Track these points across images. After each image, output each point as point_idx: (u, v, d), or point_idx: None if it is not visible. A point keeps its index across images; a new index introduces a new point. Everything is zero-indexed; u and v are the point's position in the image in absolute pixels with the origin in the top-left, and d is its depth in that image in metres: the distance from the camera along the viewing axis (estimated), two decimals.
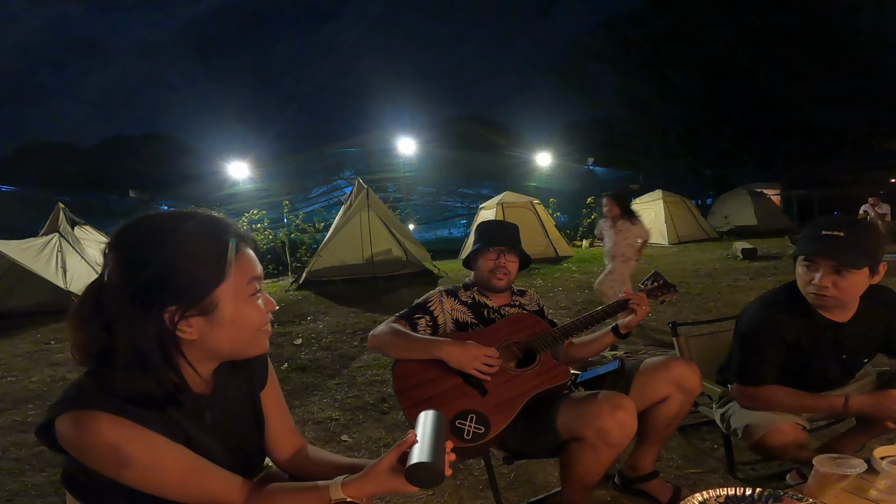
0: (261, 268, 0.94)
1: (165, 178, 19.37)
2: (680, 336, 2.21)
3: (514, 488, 2.19)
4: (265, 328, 0.93)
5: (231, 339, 0.89)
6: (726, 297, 6.10)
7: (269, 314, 0.94)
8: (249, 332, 0.90)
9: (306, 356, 4.73)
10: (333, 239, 8.91)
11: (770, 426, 1.67)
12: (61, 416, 0.81)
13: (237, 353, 0.93)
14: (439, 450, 0.84)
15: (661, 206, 13.86)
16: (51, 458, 2.78)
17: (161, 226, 0.86)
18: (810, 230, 1.63)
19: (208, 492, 0.88)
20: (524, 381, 1.68)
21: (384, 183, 16.32)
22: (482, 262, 1.93)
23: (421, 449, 0.84)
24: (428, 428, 0.89)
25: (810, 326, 1.67)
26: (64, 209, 8.89)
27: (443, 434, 0.88)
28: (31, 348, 5.64)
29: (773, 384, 1.69)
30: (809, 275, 1.60)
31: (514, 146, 19.96)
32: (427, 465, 0.81)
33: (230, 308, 0.86)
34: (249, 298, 0.89)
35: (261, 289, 0.92)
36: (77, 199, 13.31)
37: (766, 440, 1.67)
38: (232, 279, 0.86)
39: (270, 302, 0.94)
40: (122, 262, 0.83)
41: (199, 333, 0.86)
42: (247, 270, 0.89)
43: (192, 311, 0.84)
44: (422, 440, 0.86)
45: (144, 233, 0.85)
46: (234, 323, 0.87)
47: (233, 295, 0.87)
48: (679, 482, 2.04)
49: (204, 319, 0.85)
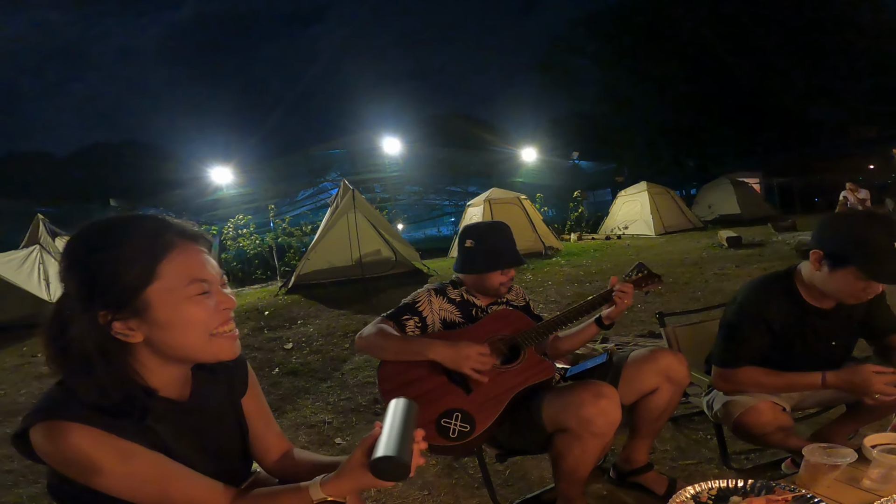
0: (214, 268, 0.90)
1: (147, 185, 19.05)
2: (667, 326, 2.22)
3: (509, 485, 2.19)
4: (222, 329, 0.89)
5: (178, 341, 0.86)
6: (713, 286, 6.17)
7: (227, 314, 0.90)
8: (196, 333, 0.87)
9: (297, 360, 4.69)
10: (321, 242, 8.84)
11: (746, 404, 1.68)
12: (34, 426, 0.80)
13: (194, 357, 0.91)
14: (404, 441, 0.82)
15: (647, 197, 13.99)
16: (44, 470, 2.73)
17: (98, 229, 0.86)
18: (876, 245, 1.49)
19: (190, 499, 0.87)
20: (509, 377, 1.68)
21: (370, 183, 16.26)
22: (493, 278, 1.87)
23: (385, 442, 0.81)
24: (396, 419, 0.86)
25: (798, 313, 1.68)
26: (44, 220, 8.72)
27: (410, 424, 0.85)
28: (17, 361, 5.58)
29: (750, 366, 1.69)
30: (864, 285, 1.53)
31: (500, 143, 20.01)
32: (390, 459, 0.78)
33: (166, 309, 0.84)
34: (193, 299, 0.86)
35: (210, 290, 0.88)
36: (57, 209, 13.04)
37: (743, 419, 1.67)
38: (165, 280, 0.84)
39: (227, 299, 0.90)
40: (64, 268, 0.85)
41: (144, 335, 0.85)
42: (187, 270, 0.86)
43: (123, 313, 0.83)
44: (387, 432, 0.83)
45: (83, 238, 0.86)
46: (174, 324, 0.85)
47: (167, 295, 0.84)
48: (674, 474, 2.05)
49: (140, 321, 0.84)
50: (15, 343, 6.42)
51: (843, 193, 11.68)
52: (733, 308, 1.78)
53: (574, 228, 14.99)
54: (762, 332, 1.69)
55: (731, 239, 9.62)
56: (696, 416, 2.56)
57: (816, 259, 1.59)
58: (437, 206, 19.86)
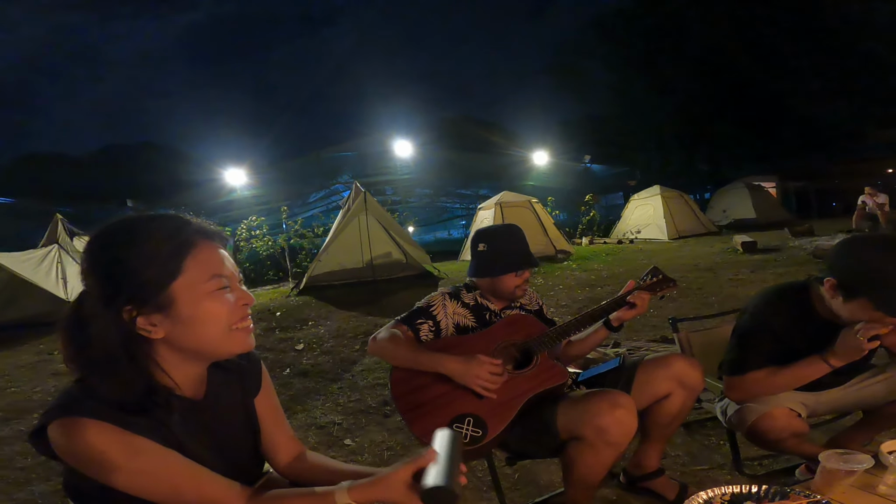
0: (232, 265, 0.93)
1: (163, 186, 19.36)
2: (680, 331, 2.20)
3: (518, 489, 2.17)
4: (240, 325, 0.92)
5: (199, 336, 0.88)
6: (727, 291, 6.09)
7: (245, 310, 0.93)
8: (217, 328, 0.89)
9: (308, 361, 4.72)
10: (332, 243, 8.90)
11: (761, 410, 1.66)
12: (52, 423, 0.82)
13: (213, 351, 0.93)
14: (455, 473, 0.84)
15: (660, 201, 13.85)
16: (56, 467, 2.78)
17: (120, 227, 0.88)
18: (890, 277, 1.46)
19: (204, 497, 0.87)
20: (521, 382, 1.67)
21: (382, 186, 16.34)
22: (508, 280, 1.87)
23: (439, 471, 0.84)
24: (446, 449, 0.88)
25: (809, 326, 1.66)
26: (62, 220, 8.88)
27: (458, 456, 0.88)
28: (33, 359, 5.67)
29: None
30: (879, 315, 1.51)
31: (511, 146, 19.97)
32: (444, 490, 0.81)
33: (189, 304, 0.86)
34: (213, 294, 0.88)
35: (229, 286, 0.91)
36: (75, 209, 13.29)
37: (757, 425, 1.66)
38: (188, 274, 0.86)
39: (246, 295, 0.93)
40: (87, 267, 0.87)
41: (166, 332, 0.87)
42: (208, 266, 0.89)
43: (148, 307, 0.85)
44: (440, 461, 0.86)
45: (105, 236, 0.88)
46: (196, 319, 0.87)
47: (190, 290, 0.86)
48: (685, 479, 2.03)
49: (164, 316, 0.86)
50: (32, 341, 6.54)
51: (861, 198, 11.47)
52: (744, 317, 1.77)
53: (585, 232, 14.90)
54: (770, 341, 1.67)
55: (746, 244, 9.49)
56: (708, 422, 2.53)
57: (831, 287, 1.58)
58: (447, 209, 19.89)
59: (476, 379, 1.59)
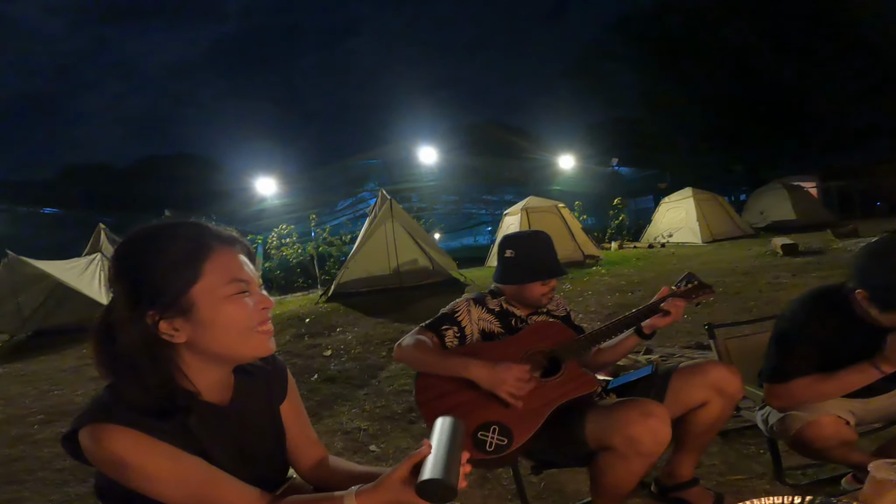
0: (250, 270, 0.95)
1: (198, 196, 20.00)
2: (717, 338, 2.12)
3: (543, 498, 2.12)
4: (261, 328, 0.93)
5: (220, 339, 0.90)
6: (767, 296, 5.85)
7: (265, 313, 0.94)
8: (238, 331, 0.91)
9: (335, 367, 4.76)
10: (360, 251, 9.00)
11: (806, 418, 1.59)
12: (82, 429, 0.84)
13: (234, 355, 0.94)
14: (453, 464, 0.80)
15: (692, 203, 13.48)
16: (92, 470, 2.87)
17: (143, 235, 0.92)
18: None
19: (225, 502, 0.88)
20: (549, 390, 1.63)
21: (407, 193, 16.45)
22: (534, 289, 1.84)
23: (434, 463, 0.80)
24: (443, 439, 0.85)
25: (849, 329, 1.59)
26: (105, 229, 9.31)
27: (458, 445, 0.84)
28: (76, 363, 5.93)
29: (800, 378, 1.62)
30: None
31: (536, 150, 19.81)
32: (439, 482, 0.77)
33: (209, 308, 0.88)
34: (232, 297, 0.90)
35: (248, 290, 0.92)
36: (116, 219, 13.88)
37: (803, 433, 1.60)
38: (206, 279, 0.88)
39: (265, 299, 0.94)
40: (113, 274, 0.90)
41: (188, 336, 0.88)
42: (227, 271, 0.91)
43: (170, 312, 0.87)
44: (435, 453, 0.82)
45: (129, 244, 0.91)
46: (216, 323, 0.89)
47: (210, 294, 0.88)
48: (721, 489, 1.94)
49: (185, 321, 0.88)
50: (75, 346, 6.83)
51: None
52: (782, 322, 1.72)
53: (615, 237, 14.63)
54: (811, 347, 1.62)
55: (786, 246, 9.11)
56: (746, 430, 2.42)
57: (864, 298, 1.54)
58: (473, 216, 19.86)
59: (503, 385, 1.56)
